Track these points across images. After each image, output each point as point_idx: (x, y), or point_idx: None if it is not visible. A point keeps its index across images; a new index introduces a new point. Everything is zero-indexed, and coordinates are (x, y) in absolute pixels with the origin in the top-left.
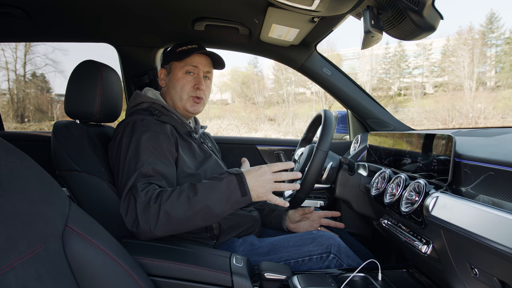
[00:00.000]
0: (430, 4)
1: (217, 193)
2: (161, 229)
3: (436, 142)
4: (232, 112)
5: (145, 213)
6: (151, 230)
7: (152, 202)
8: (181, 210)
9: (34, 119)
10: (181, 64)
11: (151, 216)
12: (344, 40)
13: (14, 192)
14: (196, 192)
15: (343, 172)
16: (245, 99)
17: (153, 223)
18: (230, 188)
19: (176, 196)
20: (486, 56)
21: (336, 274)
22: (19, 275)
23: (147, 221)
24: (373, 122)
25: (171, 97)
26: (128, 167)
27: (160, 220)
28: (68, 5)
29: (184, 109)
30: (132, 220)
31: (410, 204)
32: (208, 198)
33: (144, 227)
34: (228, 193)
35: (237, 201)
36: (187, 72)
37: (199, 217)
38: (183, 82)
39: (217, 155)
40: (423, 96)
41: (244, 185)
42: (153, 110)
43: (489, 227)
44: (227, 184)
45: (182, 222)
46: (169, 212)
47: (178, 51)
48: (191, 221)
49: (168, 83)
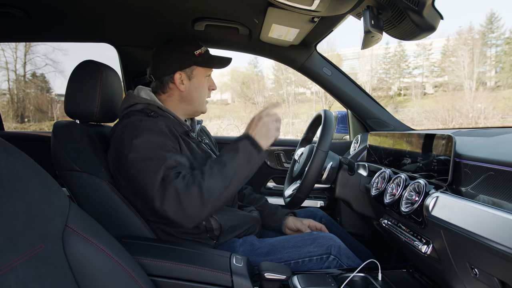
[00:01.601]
0: (430, 4)
1: (239, 158)
2: (207, 207)
3: (436, 142)
4: (232, 112)
5: (188, 196)
6: (198, 211)
7: (191, 185)
8: (219, 183)
9: (34, 119)
10: (204, 69)
11: (195, 198)
12: (344, 40)
13: (14, 192)
14: (224, 164)
15: (343, 172)
16: (245, 99)
17: (198, 203)
18: (247, 151)
19: (208, 173)
20: (486, 56)
21: (336, 274)
22: (19, 275)
23: (192, 204)
24: (373, 122)
25: (192, 102)
26: (149, 167)
27: (204, 199)
28: (68, 5)
29: (200, 111)
30: (175, 209)
31: (410, 204)
32: (234, 165)
33: (190, 210)
34: (247, 155)
35: (256, 160)
36: (206, 76)
37: (233, 185)
38: (205, 86)
39: (215, 152)
40: (423, 96)
41: (256, 144)
42: (148, 112)
43: (489, 227)
44: (244, 149)
45: (222, 195)
46: (209, 188)
47: (198, 54)
48: (228, 190)
49: (189, 88)
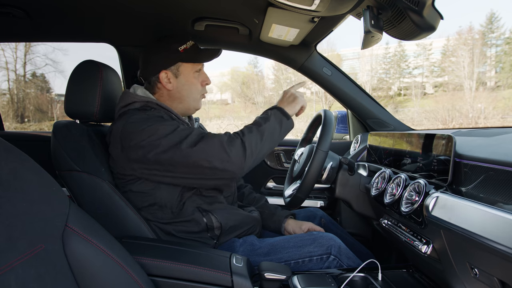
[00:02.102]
0: (430, 4)
1: (273, 122)
2: (249, 157)
3: (436, 142)
4: (232, 112)
5: (233, 145)
6: (241, 158)
7: (233, 138)
8: (257, 138)
9: (34, 119)
10: (191, 64)
11: (238, 147)
12: (344, 40)
13: (14, 192)
14: (260, 124)
15: (343, 172)
16: (245, 99)
17: (241, 152)
18: (278, 117)
19: (247, 130)
20: (486, 56)
21: (336, 274)
22: (19, 275)
23: (236, 152)
24: (373, 122)
25: (183, 100)
26: (177, 135)
27: (247, 149)
28: (68, 5)
29: (194, 108)
30: (221, 157)
31: (410, 204)
32: (269, 127)
33: (235, 158)
34: (278, 120)
35: (286, 125)
36: (196, 71)
37: (268, 141)
38: (195, 82)
39: None
40: (423, 96)
41: (285, 112)
42: (148, 109)
43: (489, 227)
44: (275, 116)
45: (261, 149)
46: (250, 141)
47: (183, 50)
48: (264, 146)
49: (177, 86)
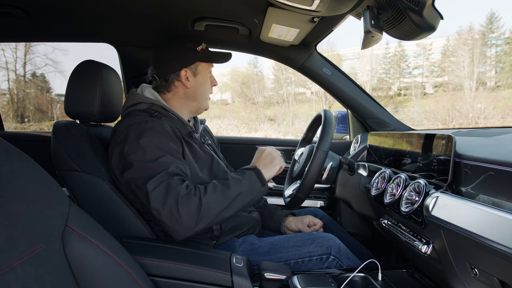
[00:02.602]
0: (430, 4)
1: (244, 186)
2: (202, 222)
3: (436, 142)
4: (232, 112)
5: (187, 206)
6: (192, 222)
7: (192, 196)
8: (219, 202)
9: (34, 119)
10: (207, 65)
11: (193, 209)
12: (344, 40)
13: (14, 192)
14: (228, 186)
15: (343, 172)
16: (245, 99)
17: (194, 215)
18: (251, 181)
19: (212, 190)
20: (486, 56)
21: (336, 274)
22: (19, 275)
23: (189, 214)
24: (373, 122)
25: (197, 99)
26: (153, 168)
27: (202, 213)
28: (68, 5)
29: (204, 108)
30: (171, 215)
31: (410, 204)
32: (237, 191)
33: (185, 220)
34: (251, 185)
35: (259, 191)
36: (209, 72)
37: (232, 207)
38: (208, 82)
39: (217, 152)
40: (423, 96)
41: (261, 177)
42: (152, 112)
43: (489, 227)
44: (249, 179)
45: (219, 214)
46: (209, 204)
47: (201, 50)
48: (226, 212)
49: (195, 85)
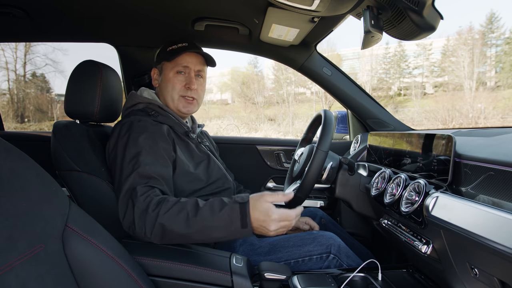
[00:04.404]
0: (430, 4)
1: (217, 219)
2: (156, 238)
3: (436, 142)
4: (232, 112)
5: (142, 219)
6: (147, 236)
7: (150, 209)
8: (177, 226)
9: (34, 119)
10: (172, 64)
11: (147, 224)
12: (344, 40)
13: (14, 192)
14: (196, 214)
15: (343, 172)
16: (245, 99)
17: (148, 231)
18: (231, 216)
19: (175, 211)
20: (486, 56)
21: (336, 274)
22: (19, 275)
23: (143, 228)
24: (373, 122)
25: (164, 97)
26: (125, 168)
27: (155, 230)
28: (68, 5)
29: (177, 109)
30: (129, 224)
31: (410, 204)
32: (207, 222)
33: (139, 232)
34: (228, 221)
35: (236, 231)
36: (178, 72)
37: (194, 236)
38: (173, 82)
39: (215, 154)
40: (423, 96)
41: (246, 216)
42: (149, 111)
43: (489, 227)
44: (229, 212)
45: (176, 237)
46: (165, 226)
47: (169, 50)
48: (185, 238)
49: (160, 83)
